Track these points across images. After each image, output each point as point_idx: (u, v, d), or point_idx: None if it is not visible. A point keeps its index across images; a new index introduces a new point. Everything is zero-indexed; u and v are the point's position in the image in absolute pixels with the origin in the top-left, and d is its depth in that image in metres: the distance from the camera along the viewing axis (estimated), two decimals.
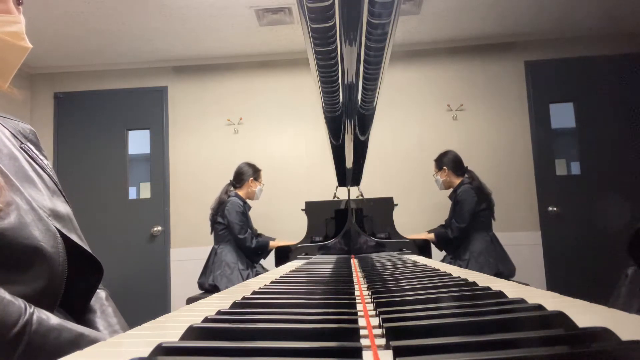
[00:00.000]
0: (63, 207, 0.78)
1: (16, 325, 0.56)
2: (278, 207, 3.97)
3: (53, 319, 0.61)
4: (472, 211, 3.06)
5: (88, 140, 4.20)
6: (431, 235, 3.18)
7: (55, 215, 0.73)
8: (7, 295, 0.57)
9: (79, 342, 0.61)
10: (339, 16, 0.71)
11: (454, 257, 3.13)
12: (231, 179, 3.47)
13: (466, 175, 3.23)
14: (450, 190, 3.27)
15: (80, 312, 0.79)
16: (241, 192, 3.39)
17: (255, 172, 3.45)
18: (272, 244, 3.31)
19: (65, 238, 0.72)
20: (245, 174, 3.42)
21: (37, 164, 0.79)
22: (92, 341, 0.62)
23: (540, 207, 3.93)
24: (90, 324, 0.78)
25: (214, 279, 3.15)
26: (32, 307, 0.59)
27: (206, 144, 4.21)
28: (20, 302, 0.58)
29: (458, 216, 3.09)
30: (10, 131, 0.80)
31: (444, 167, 3.26)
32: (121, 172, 4.20)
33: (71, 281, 0.71)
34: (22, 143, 0.81)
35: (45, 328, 0.59)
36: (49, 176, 0.80)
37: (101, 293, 0.85)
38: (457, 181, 3.22)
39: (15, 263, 0.63)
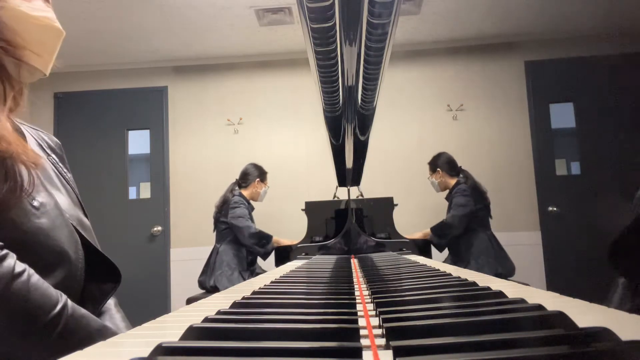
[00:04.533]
0: (84, 219, 0.82)
1: (56, 307, 0.61)
2: (278, 207, 3.97)
3: (82, 309, 0.66)
4: (467, 207, 3.05)
5: (88, 140, 4.20)
6: (427, 231, 3.16)
7: (79, 223, 0.78)
8: (45, 286, 0.62)
9: (104, 333, 0.66)
10: (339, 16, 0.71)
11: (454, 258, 3.13)
12: (237, 178, 3.47)
13: (461, 176, 3.23)
14: (447, 191, 3.28)
15: None
16: (246, 192, 3.40)
17: (262, 174, 3.46)
18: (275, 239, 3.29)
19: (84, 245, 0.75)
20: (252, 175, 3.42)
21: (62, 176, 0.84)
22: (113, 333, 0.67)
23: (540, 207, 3.93)
24: None
25: (215, 280, 3.15)
26: (64, 295, 0.64)
27: (206, 144, 4.21)
28: (56, 292, 0.63)
29: (453, 209, 3.09)
30: (37, 141, 0.84)
31: (438, 169, 3.27)
32: (121, 172, 4.20)
33: (87, 286, 0.74)
34: (49, 155, 0.85)
35: (78, 314, 0.64)
36: (72, 189, 0.85)
37: (110, 301, 0.87)
38: (453, 182, 3.23)
39: (42, 264, 0.65)
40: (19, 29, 0.70)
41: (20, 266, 0.60)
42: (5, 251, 0.60)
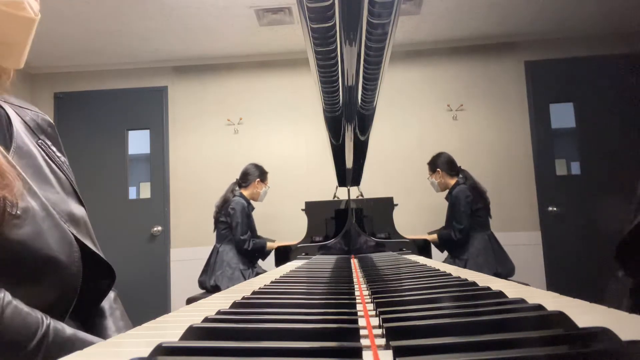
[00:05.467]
0: (78, 210, 0.75)
1: (35, 337, 0.56)
2: (278, 207, 3.97)
3: (67, 330, 0.61)
4: (468, 211, 3.06)
5: (88, 140, 4.20)
6: (434, 237, 3.18)
7: (72, 219, 0.71)
8: (25, 307, 0.57)
9: None
10: (339, 16, 0.71)
11: (453, 258, 3.13)
12: (238, 178, 3.47)
13: (460, 176, 3.23)
14: (447, 191, 3.28)
15: (88, 316, 0.78)
16: (246, 192, 3.40)
17: (262, 174, 3.46)
18: (270, 245, 3.30)
19: (80, 243, 0.70)
20: (252, 175, 3.42)
21: (53, 161, 0.76)
22: None
23: (540, 207, 3.93)
24: (98, 327, 0.77)
25: (215, 279, 3.15)
26: (48, 317, 0.59)
27: (206, 144, 4.21)
28: (37, 314, 0.58)
29: (456, 217, 3.09)
30: (28, 124, 0.76)
31: (438, 169, 3.27)
32: (121, 172, 4.20)
33: (83, 287, 0.69)
34: (39, 138, 0.76)
35: (61, 339, 0.58)
36: (65, 175, 0.77)
37: (110, 294, 0.83)
38: (452, 182, 3.23)
39: (29, 274, 0.61)
40: None
41: None
42: None
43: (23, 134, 0.72)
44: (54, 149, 0.79)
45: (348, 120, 1.24)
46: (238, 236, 3.23)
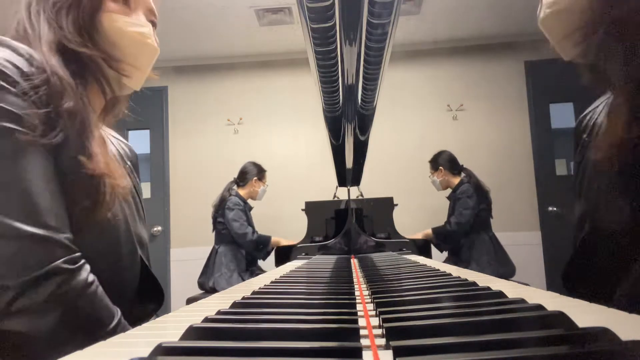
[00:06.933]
0: (144, 233, 0.82)
1: (114, 318, 0.63)
2: (278, 207, 3.97)
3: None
4: (472, 210, 3.05)
5: None
6: (428, 232, 3.16)
7: (140, 241, 0.78)
8: (107, 299, 0.63)
9: None
10: (339, 16, 0.71)
11: (454, 258, 3.12)
12: (235, 177, 3.47)
13: (463, 174, 3.22)
14: (449, 190, 3.27)
15: None
16: (244, 191, 3.39)
17: (260, 172, 3.45)
18: (274, 240, 3.29)
19: (142, 265, 0.77)
20: (250, 174, 3.41)
21: (135, 187, 0.84)
22: None
23: (540, 207, 3.93)
24: None
25: (214, 281, 3.14)
26: (120, 312, 0.65)
27: (206, 144, 4.21)
28: (114, 307, 0.65)
29: (458, 213, 3.08)
30: (119, 151, 0.86)
31: (440, 167, 3.26)
32: None
33: (128, 305, 0.73)
34: (127, 164, 0.86)
35: (125, 328, 0.65)
36: (139, 201, 0.85)
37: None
38: (455, 180, 3.21)
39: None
40: (117, 41, 0.72)
41: (91, 276, 0.61)
42: (83, 261, 0.61)
43: (115, 159, 0.82)
44: (135, 175, 0.89)
45: (348, 120, 1.24)
46: (236, 232, 3.21)
